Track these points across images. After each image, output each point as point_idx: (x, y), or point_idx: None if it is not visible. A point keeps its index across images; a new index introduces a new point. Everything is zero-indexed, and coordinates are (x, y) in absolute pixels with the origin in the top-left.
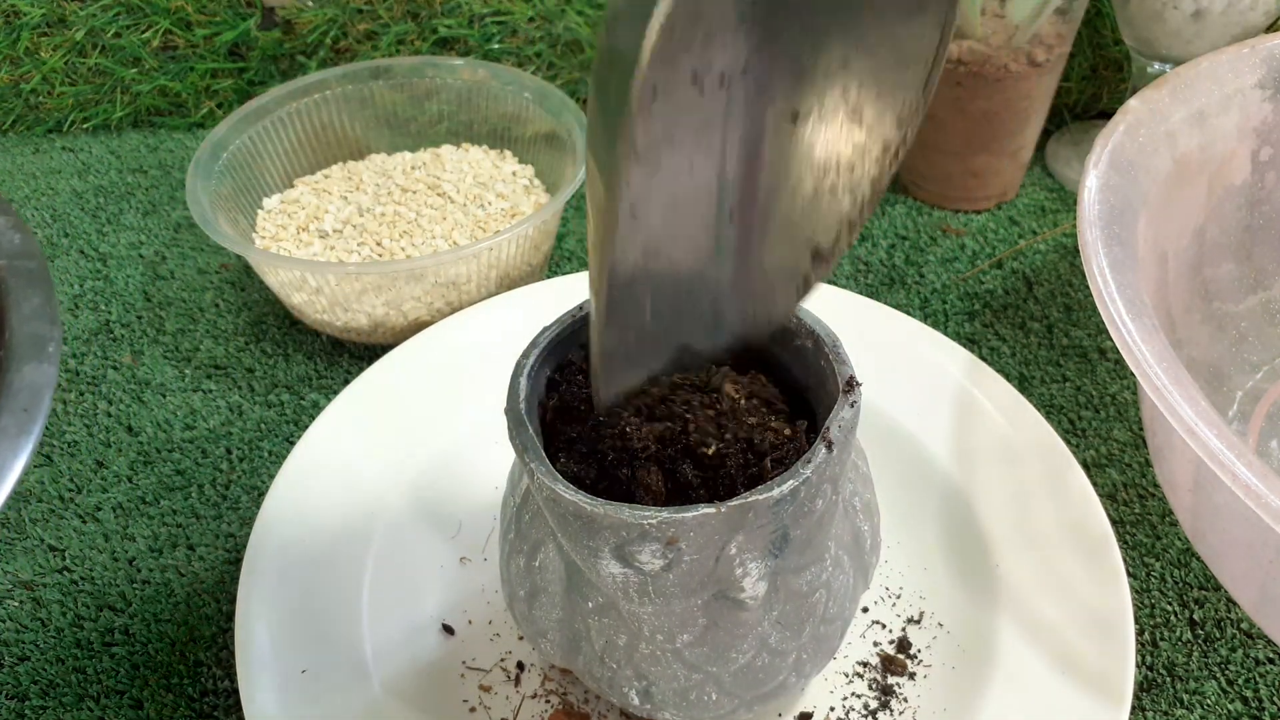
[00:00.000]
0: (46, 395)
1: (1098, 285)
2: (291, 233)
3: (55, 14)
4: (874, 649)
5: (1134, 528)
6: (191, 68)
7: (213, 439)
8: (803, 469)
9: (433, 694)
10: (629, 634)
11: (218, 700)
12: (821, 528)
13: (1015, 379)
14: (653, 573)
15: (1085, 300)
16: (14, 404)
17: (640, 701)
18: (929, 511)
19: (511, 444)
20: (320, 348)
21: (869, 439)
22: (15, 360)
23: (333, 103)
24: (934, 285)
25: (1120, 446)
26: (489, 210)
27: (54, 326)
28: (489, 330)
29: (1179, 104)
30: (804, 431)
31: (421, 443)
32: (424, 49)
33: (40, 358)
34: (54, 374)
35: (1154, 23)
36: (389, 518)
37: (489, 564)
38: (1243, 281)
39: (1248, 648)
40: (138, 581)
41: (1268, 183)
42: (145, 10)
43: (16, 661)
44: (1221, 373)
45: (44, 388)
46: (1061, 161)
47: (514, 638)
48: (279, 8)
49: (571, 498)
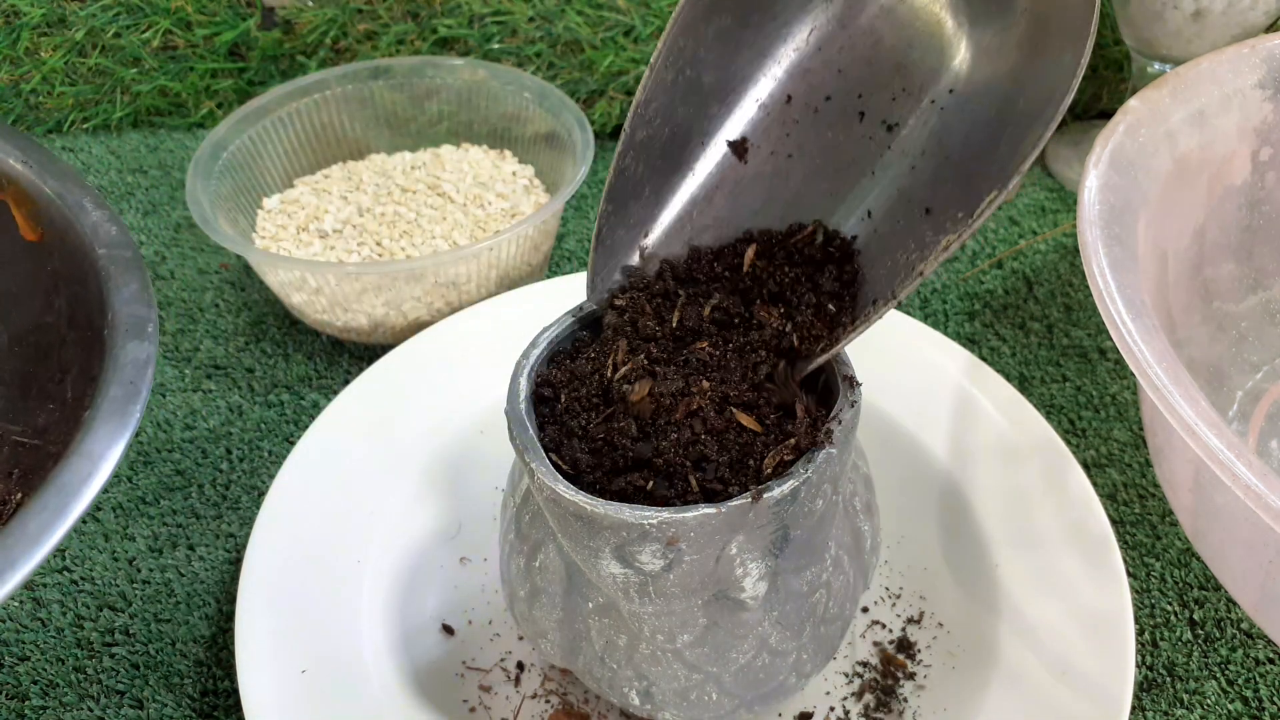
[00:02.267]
0: (148, 370)
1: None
2: (291, 233)
3: (55, 14)
4: (874, 649)
5: (1134, 528)
6: (191, 68)
7: (213, 439)
8: (803, 469)
9: (433, 694)
10: (629, 634)
11: (218, 700)
12: (821, 528)
13: (1015, 379)
14: (653, 573)
15: (1085, 300)
16: (122, 377)
17: (640, 701)
18: (929, 511)
19: (512, 444)
20: (320, 348)
21: (869, 439)
22: (120, 339)
23: (333, 103)
24: (934, 285)
25: (1120, 446)
26: (489, 210)
27: (151, 309)
28: (489, 330)
29: (1179, 104)
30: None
31: (421, 443)
32: (424, 49)
33: (141, 337)
34: (154, 351)
35: (1154, 23)
36: (389, 518)
37: (489, 564)
38: (1243, 281)
39: (1248, 648)
40: (138, 581)
41: (1268, 183)
42: (145, 10)
43: (16, 661)
44: (1221, 373)
45: (146, 364)
46: (1061, 161)
47: (514, 638)
48: (279, 8)
49: (572, 498)
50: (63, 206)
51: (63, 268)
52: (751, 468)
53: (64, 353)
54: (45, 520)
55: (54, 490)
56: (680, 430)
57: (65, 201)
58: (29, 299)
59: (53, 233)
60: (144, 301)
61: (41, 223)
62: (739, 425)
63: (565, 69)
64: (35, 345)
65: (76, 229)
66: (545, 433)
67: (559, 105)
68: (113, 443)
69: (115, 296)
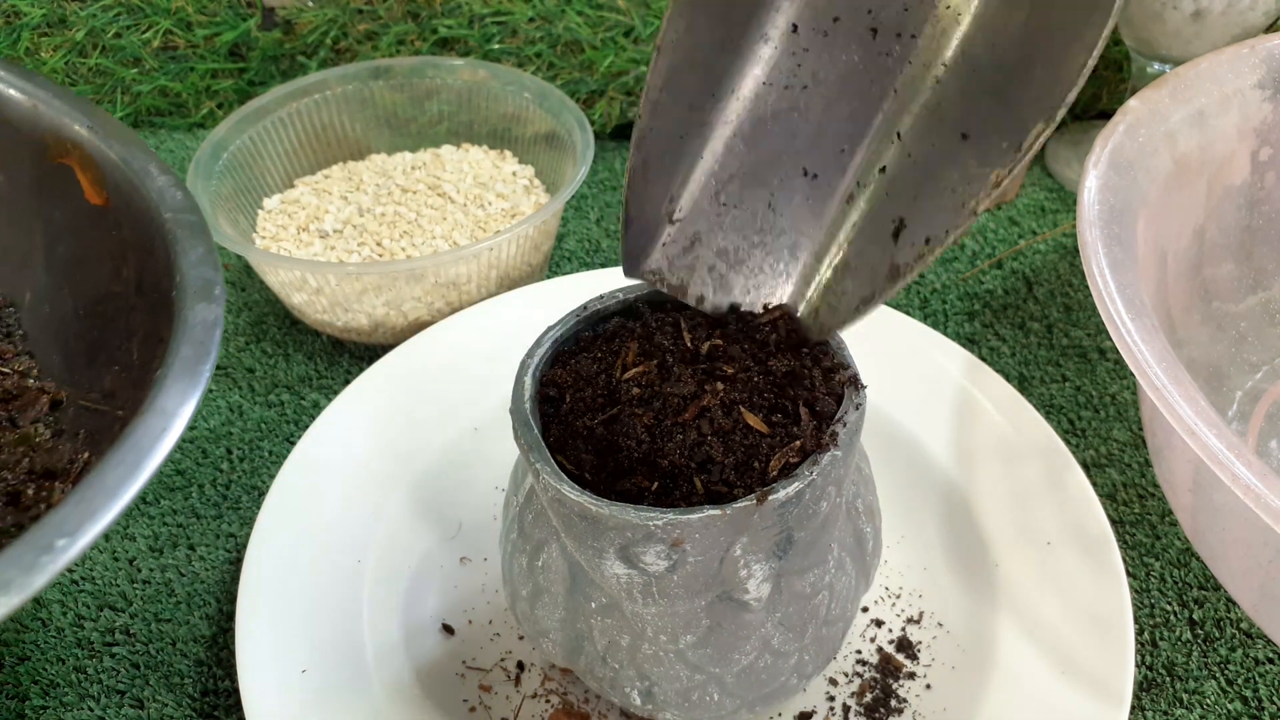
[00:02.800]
0: (217, 331)
1: (1097, 285)
2: (292, 233)
3: (55, 14)
4: (874, 648)
5: (1134, 528)
6: (192, 68)
7: (213, 439)
8: (808, 471)
9: (433, 694)
10: (632, 634)
11: (218, 700)
12: (825, 530)
13: (1015, 379)
14: (657, 574)
15: (1085, 300)
16: (193, 337)
17: (642, 702)
18: (929, 512)
19: (516, 444)
20: (320, 348)
21: (869, 439)
22: (188, 300)
23: (333, 103)
24: (934, 285)
25: (1120, 446)
26: (489, 210)
27: (217, 272)
28: (489, 330)
29: (1179, 104)
30: (809, 433)
31: (422, 442)
32: (424, 49)
33: (209, 299)
34: (220, 314)
35: (1154, 23)
36: (389, 518)
37: (489, 564)
38: (1243, 281)
39: (1247, 647)
40: (138, 581)
41: (1267, 183)
42: (145, 10)
43: (17, 661)
44: (1221, 373)
45: (214, 325)
46: (1061, 161)
47: (514, 637)
48: (279, 8)
49: (577, 498)
50: (128, 171)
51: (130, 234)
52: (756, 470)
53: (131, 319)
54: (122, 474)
55: (130, 446)
56: (686, 432)
57: (131, 166)
58: (97, 266)
59: (119, 197)
60: (210, 264)
61: (107, 187)
62: (746, 426)
63: (565, 69)
64: (103, 315)
65: (142, 193)
66: (550, 433)
67: (559, 105)
68: (185, 400)
69: (183, 260)
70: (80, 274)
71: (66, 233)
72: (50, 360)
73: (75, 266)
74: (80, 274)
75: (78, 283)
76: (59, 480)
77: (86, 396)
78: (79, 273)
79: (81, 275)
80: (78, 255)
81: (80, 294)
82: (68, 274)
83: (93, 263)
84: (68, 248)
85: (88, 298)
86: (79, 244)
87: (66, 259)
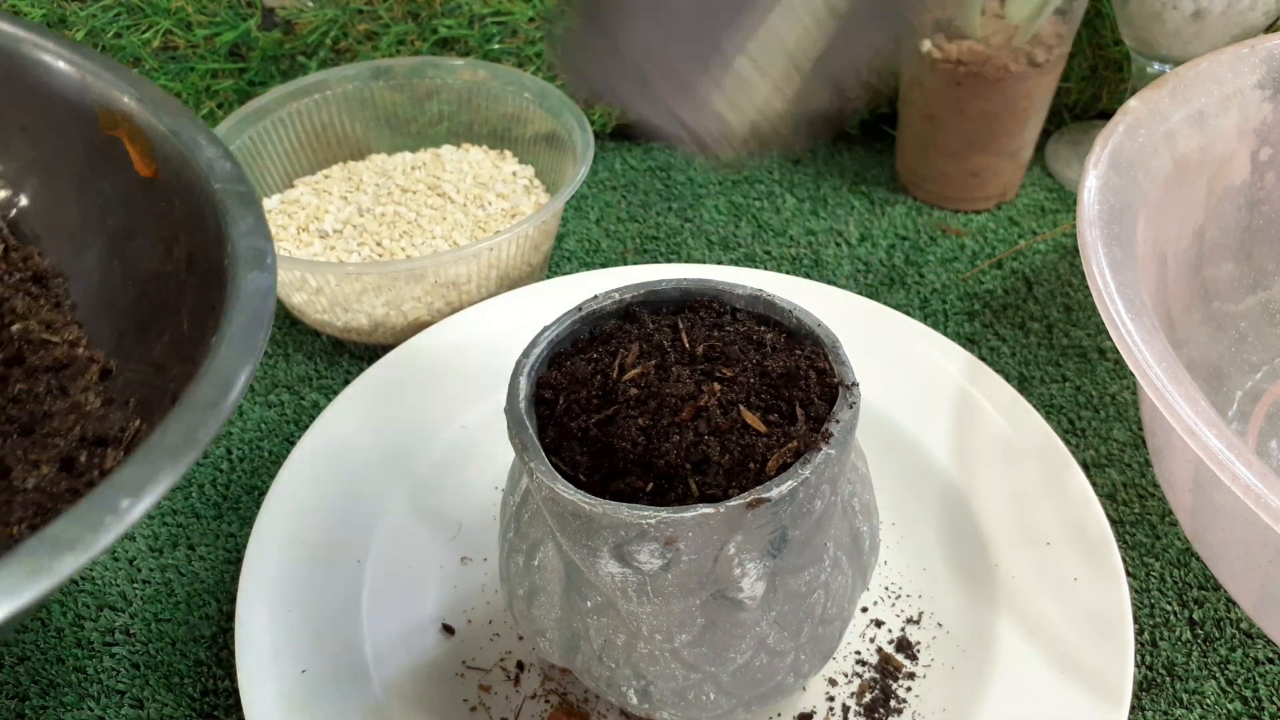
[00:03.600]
0: (270, 299)
1: (1097, 285)
2: (292, 233)
3: (55, 14)
4: (874, 649)
5: (1134, 528)
6: (191, 68)
7: (213, 439)
8: (801, 469)
9: (433, 694)
10: (627, 633)
11: (218, 700)
12: (820, 528)
13: (1015, 379)
14: (651, 572)
15: (1085, 300)
16: (245, 305)
17: (639, 701)
18: (929, 512)
19: (511, 443)
20: (320, 348)
21: (868, 439)
22: (241, 269)
23: (333, 103)
24: (934, 285)
25: (1120, 446)
26: (489, 210)
27: (268, 242)
28: (489, 330)
29: (1179, 104)
30: (803, 431)
31: (421, 442)
32: (424, 49)
33: (261, 268)
34: (273, 282)
35: (1154, 23)
36: (389, 518)
37: (489, 564)
38: (1242, 281)
39: (1247, 647)
40: (138, 581)
41: (1267, 183)
42: (145, 10)
43: (16, 662)
44: (1221, 373)
45: (267, 294)
46: (1061, 161)
47: (514, 637)
48: (279, 8)
49: (570, 497)
50: (177, 143)
51: (180, 206)
52: (752, 471)
53: (182, 294)
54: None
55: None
56: (683, 432)
57: (180, 138)
58: (147, 241)
59: (168, 169)
60: (261, 234)
61: (156, 159)
62: (743, 426)
63: None
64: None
65: (192, 165)
66: (546, 434)
67: (559, 105)
68: (241, 365)
69: (234, 229)
70: (130, 247)
71: (117, 204)
72: (100, 331)
73: (125, 239)
74: (130, 247)
75: (128, 256)
76: (110, 447)
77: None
78: (129, 246)
79: (132, 249)
80: (128, 228)
81: (130, 267)
82: (118, 247)
83: (143, 236)
84: (118, 220)
85: (139, 273)
86: (129, 216)
87: (117, 231)
